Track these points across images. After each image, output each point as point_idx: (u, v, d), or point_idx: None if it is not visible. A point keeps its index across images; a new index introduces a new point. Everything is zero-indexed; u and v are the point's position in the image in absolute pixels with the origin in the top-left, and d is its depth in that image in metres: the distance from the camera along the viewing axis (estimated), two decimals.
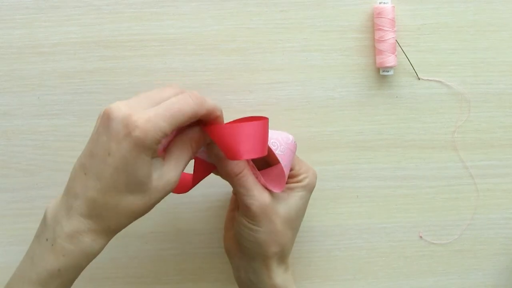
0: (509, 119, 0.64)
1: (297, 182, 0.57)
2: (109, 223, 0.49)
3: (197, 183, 0.56)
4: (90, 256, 0.49)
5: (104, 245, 0.50)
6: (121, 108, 0.47)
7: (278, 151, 0.55)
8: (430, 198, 0.64)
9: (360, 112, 0.63)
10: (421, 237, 0.65)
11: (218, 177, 0.62)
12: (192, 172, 0.56)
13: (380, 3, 0.61)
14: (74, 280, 0.50)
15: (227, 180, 0.55)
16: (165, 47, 0.62)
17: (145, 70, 0.62)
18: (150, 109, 0.48)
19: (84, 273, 0.64)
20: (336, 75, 0.63)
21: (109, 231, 0.49)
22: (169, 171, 0.50)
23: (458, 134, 0.64)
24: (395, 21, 0.62)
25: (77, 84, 0.62)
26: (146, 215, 0.56)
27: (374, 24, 0.62)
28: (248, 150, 0.50)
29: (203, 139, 0.52)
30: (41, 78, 0.62)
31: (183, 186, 0.56)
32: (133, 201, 0.48)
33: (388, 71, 0.62)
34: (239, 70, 0.63)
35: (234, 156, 0.50)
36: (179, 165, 0.50)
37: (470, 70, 0.63)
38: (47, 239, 0.49)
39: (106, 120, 0.47)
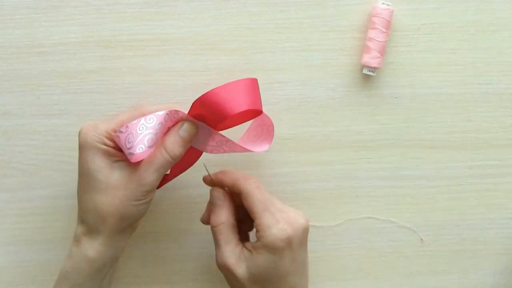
0: (509, 119, 0.64)
1: (257, 239, 0.53)
2: (91, 224, 0.54)
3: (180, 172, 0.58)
4: (88, 260, 0.53)
5: (98, 250, 0.53)
6: (82, 126, 0.55)
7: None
8: (430, 198, 0.64)
9: (360, 112, 0.63)
10: (421, 237, 0.65)
11: None
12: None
13: (382, 3, 0.61)
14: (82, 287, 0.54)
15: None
16: (165, 47, 0.62)
17: (145, 70, 0.62)
18: None
19: None
20: (336, 75, 0.63)
21: (95, 234, 0.54)
22: (136, 171, 0.53)
23: (458, 134, 0.64)
24: (391, 24, 0.61)
25: (77, 84, 0.62)
26: (146, 215, 0.56)
27: (370, 23, 0.62)
28: (246, 102, 0.51)
29: (175, 141, 0.54)
30: (41, 78, 0.62)
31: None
32: (99, 198, 0.53)
33: (372, 72, 0.62)
34: (239, 70, 0.63)
35: (235, 108, 0.50)
36: (148, 166, 0.52)
37: (470, 70, 0.63)
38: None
39: None
